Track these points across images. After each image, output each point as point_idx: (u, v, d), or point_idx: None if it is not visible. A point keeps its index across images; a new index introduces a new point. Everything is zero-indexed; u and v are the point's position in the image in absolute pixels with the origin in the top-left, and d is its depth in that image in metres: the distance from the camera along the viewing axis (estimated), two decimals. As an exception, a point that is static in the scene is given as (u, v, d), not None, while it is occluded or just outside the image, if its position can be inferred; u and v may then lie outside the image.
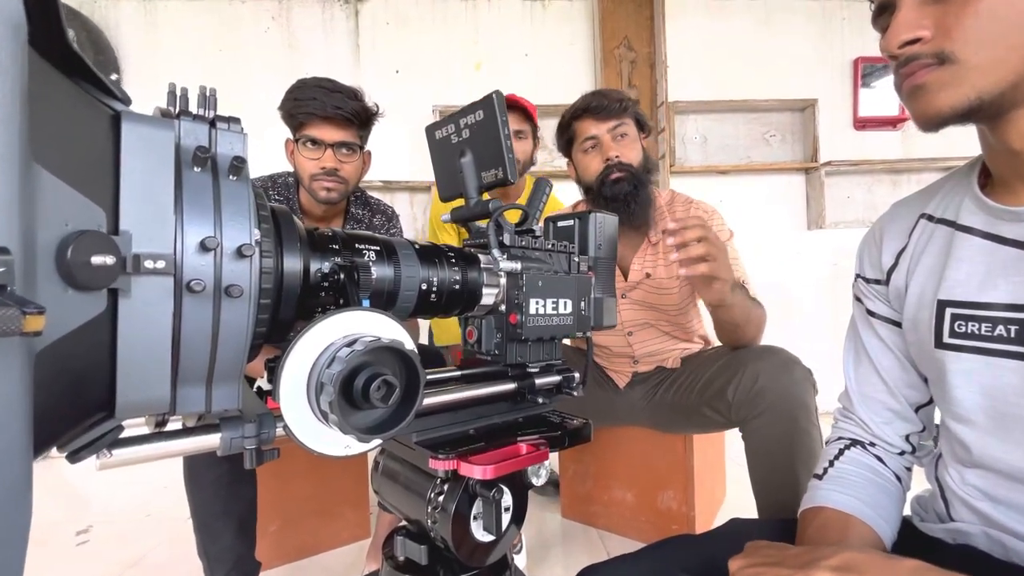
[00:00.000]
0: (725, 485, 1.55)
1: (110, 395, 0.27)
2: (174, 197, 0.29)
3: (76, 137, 0.25)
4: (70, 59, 0.26)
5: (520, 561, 1.17)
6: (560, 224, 0.66)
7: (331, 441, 0.31)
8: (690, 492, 1.25)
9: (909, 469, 0.62)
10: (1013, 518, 0.47)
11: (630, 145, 1.15)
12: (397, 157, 2.36)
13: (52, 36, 0.24)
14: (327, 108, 1.09)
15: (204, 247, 0.29)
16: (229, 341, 0.31)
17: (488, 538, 0.48)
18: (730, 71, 2.45)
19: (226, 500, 0.93)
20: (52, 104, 0.23)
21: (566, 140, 1.24)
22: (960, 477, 0.52)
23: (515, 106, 1.63)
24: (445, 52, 2.40)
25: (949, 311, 0.50)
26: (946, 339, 0.50)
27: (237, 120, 0.34)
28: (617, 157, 1.12)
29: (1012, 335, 0.45)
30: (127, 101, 0.29)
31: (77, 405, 0.26)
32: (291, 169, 1.23)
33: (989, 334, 0.47)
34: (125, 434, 0.31)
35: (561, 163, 2.46)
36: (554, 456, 1.51)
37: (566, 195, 1.83)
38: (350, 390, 0.30)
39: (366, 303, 0.40)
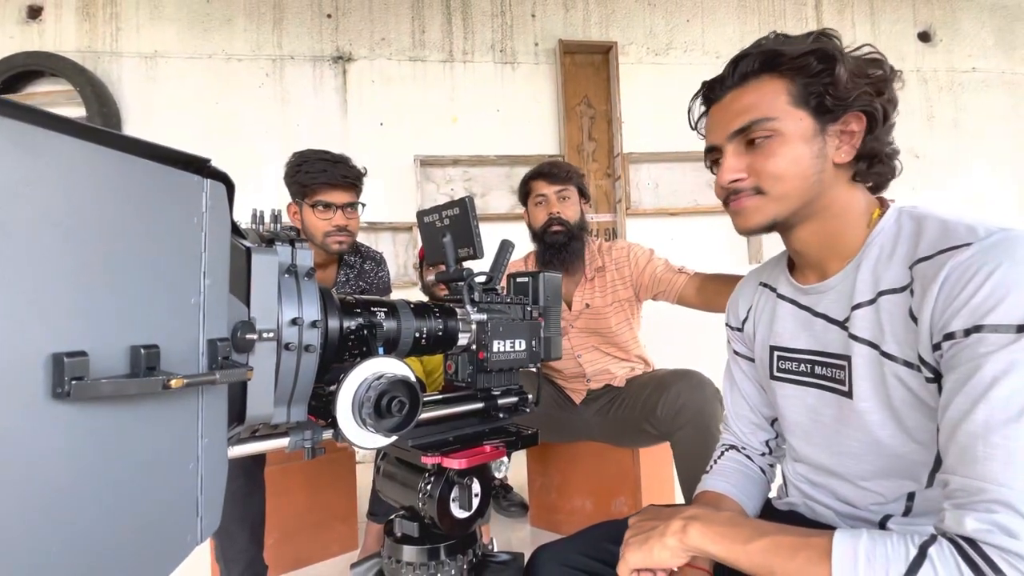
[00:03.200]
0: (673, 493, 1.76)
1: (243, 412, 0.47)
2: (277, 294, 0.49)
3: (235, 268, 0.45)
4: (232, 226, 0.46)
5: (492, 562, 1.35)
6: (519, 280, 0.87)
7: (367, 438, 0.51)
8: (639, 498, 1.45)
9: (772, 466, 0.83)
10: (820, 492, 0.69)
11: (570, 207, 1.45)
12: (381, 201, 2.57)
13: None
14: (336, 177, 1.33)
15: (294, 323, 0.49)
16: (304, 378, 0.51)
17: (463, 514, 0.68)
18: (677, 125, 2.74)
19: (242, 508, 1.09)
20: (232, 256, 0.44)
21: (524, 193, 1.54)
22: (792, 468, 0.74)
23: None
24: (424, 107, 2.65)
25: (776, 353, 0.73)
26: (775, 373, 0.73)
27: (304, 240, 0.54)
28: (558, 213, 1.43)
29: (810, 371, 0.68)
30: (247, 237, 0.50)
31: (231, 416, 0.46)
32: (291, 223, 1.44)
33: (796, 369, 0.70)
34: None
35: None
36: (523, 482, 1.69)
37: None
38: (379, 406, 0.50)
39: (381, 350, 0.60)
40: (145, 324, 0.33)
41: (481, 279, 0.82)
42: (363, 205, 1.44)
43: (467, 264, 0.79)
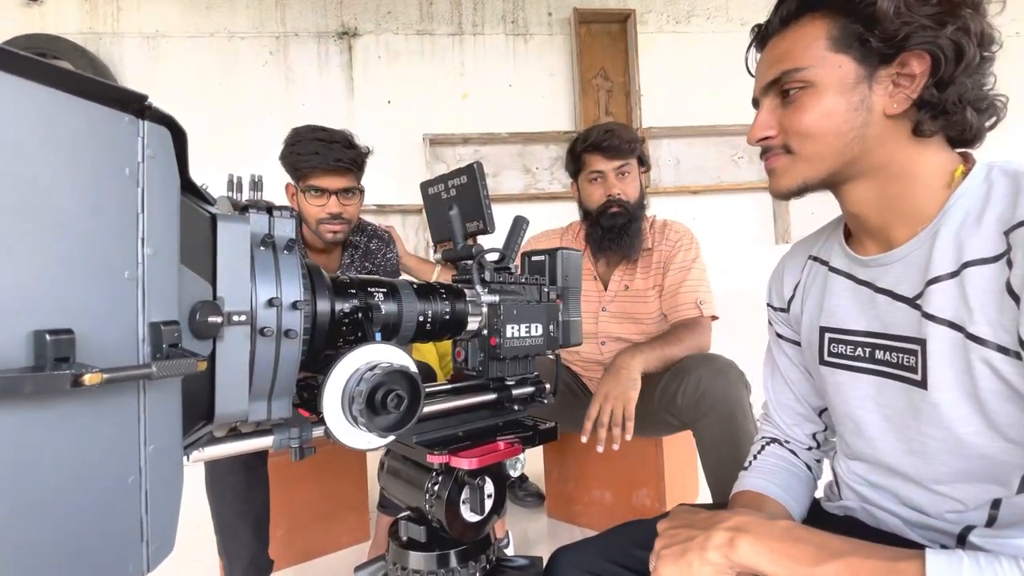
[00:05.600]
0: (697, 484, 1.68)
1: (211, 408, 0.40)
2: (250, 270, 0.41)
3: (194, 237, 0.38)
4: (189, 185, 0.39)
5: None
6: (534, 259, 0.79)
7: (359, 438, 0.44)
8: (662, 490, 1.38)
9: (820, 461, 0.74)
10: (881, 496, 0.60)
11: (631, 183, 1.32)
12: (389, 182, 2.49)
13: (184, 174, 0.37)
14: (329, 161, 1.21)
15: (270, 304, 0.42)
16: (285, 368, 0.43)
17: (475, 518, 0.61)
18: (699, 98, 2.63)
19: (243, 503, 1.04)
20: (185, 220, 0.36)
21: (575, 166, 1.39)
22: (846, 466, 0.65)
23: None
24: (433, 83, 2.55)
25: (827, 335, 0.64)
26: (826, 357, 0.64)
27: (288, 207, 0.46)
28: (618, 194, 1.29)
29: (866, 355, 0.59)
30: (214, 203, 0.42)
31: (194, 414, 0.39)
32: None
33: (852, 354, 0.60)
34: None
35: (539, 187, 2.61)
36: (539, 472, 1.63)
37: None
38: (373, 401, 0.43)
39: (378, 335, 0.53)
40: (57, 303, 0.26)
41: (494, 257, 0.74)
42: (361, 190, 1.32)
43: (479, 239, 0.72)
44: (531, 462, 1.84)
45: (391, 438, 0.45)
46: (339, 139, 1.26)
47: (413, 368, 0.46)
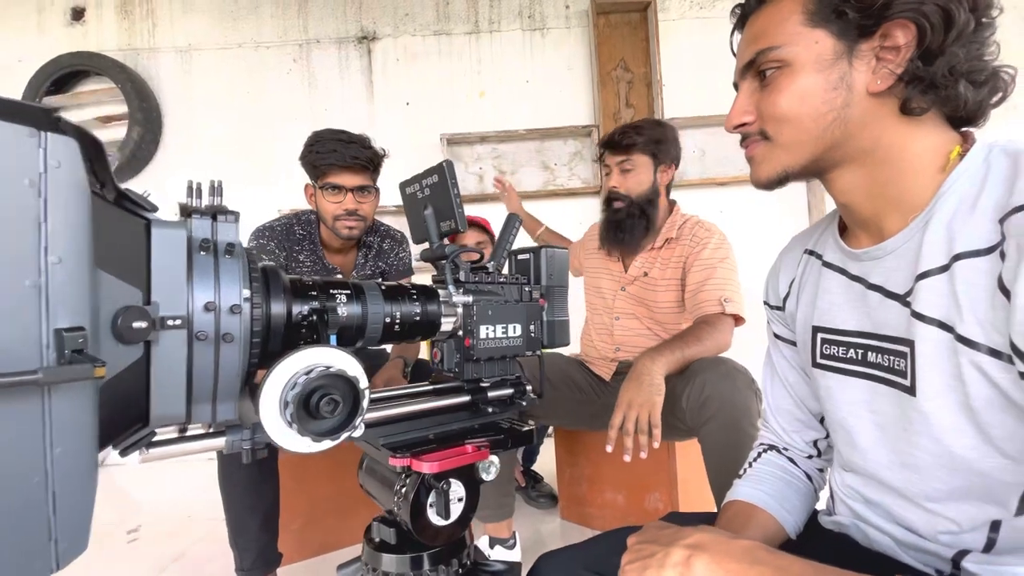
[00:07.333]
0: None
1: (146, 410, 0.40)
2: (186, 275, 0.42)
3: (122, 244, 0.38)
4: (119, 194, 0.39)
5: (514, 556, 1.28)
6: (520, 257, 0.77)
7: (298, 442, 0.44)
8: (674, 495, 1.33)
9: (822, 470, 0.69)
10: (874, 513, 0.55)
11: (632, 178, 1.32)
12: (409, 182, 2.51)
13: (106, 185, 0.37)
14: (346, 158, 1.26)
15: (207, 308, 0.42)
16: (227, 372, 0.44)
17: (442, 522, 0.60)
18: (724, 86, 2.50)
19: (253, 497, 1.08)
20: (107, 227, 0.37)
21: (599, 162, 1.46)
22: (841, 479, 0.60)
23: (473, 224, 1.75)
24: (450, 83, 2.55)
25: (820, 335, 0.59)
26: (818, 359, 0.59)
27: (233, 212, 0.47)
28: (616, 187, 1.32)
29: (858, 357, 0.54)
30: (155, 209, 0.43)
31: (127, 417, 0.40)
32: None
33: (844, 355, 0.55)
34: (159, 439, 0.45)
35: (557, 183, 2.58)
36: (554, 472, 1.61)
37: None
38: (308, 405, 0.43)
39: (333, 339, 0.53)
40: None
41: (474, 257, 0.73)
42: (376, 190, 1.36)
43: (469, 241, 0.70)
44: (545, 461, 1.82)
45: (328, 443, 0.45)
46: (356, 140, 1.32)
47: (353, 372, 0.45)
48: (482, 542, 1.29)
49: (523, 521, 1.56)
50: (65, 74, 2.39)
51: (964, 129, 0.50)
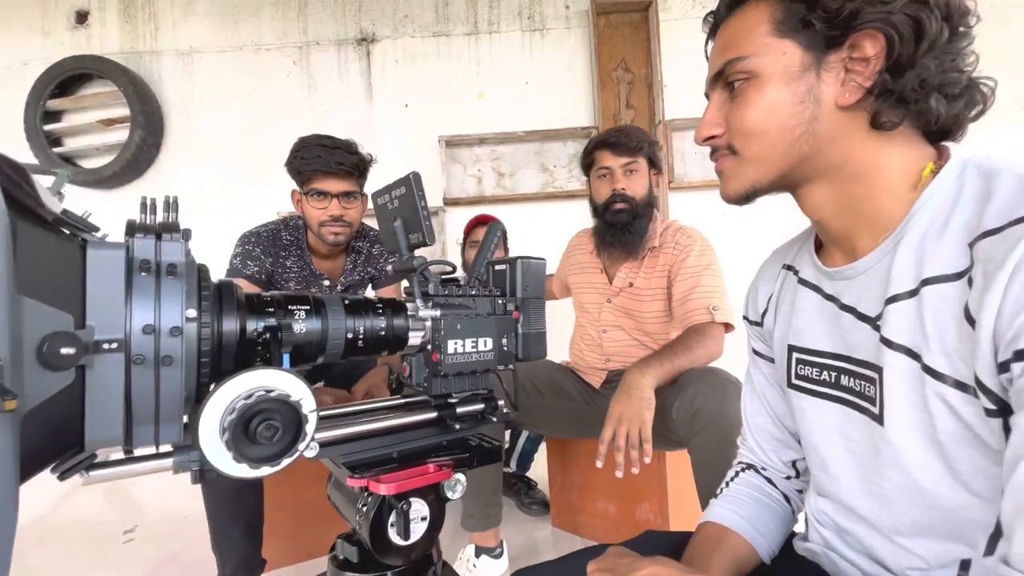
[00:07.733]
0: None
1: (82, 435, 0.40)
2: (125, 296, 0.41)
3: (51, 268, 0.38)
4: (56, 218, 0.38)
5: (500, 566, 1.26)
6: (497, 268, 0.76)
7: (236, 468, 0.43)
8: (665, 505, 1.31)
9: (800, 491, 0.67)
10: (844, 541, 0.53)
11: (637, 181, 1.31)
12: (408, 184, 2.51)
13: (33, 207, 0.36)
14: (331, 164, 1.25)
15: (145, 331, 0.41)
16: (168, 395, 0.43)
17: (403, 542, 0.59)
18: (727, 87, 2.47)
19: (235, 505, 1.07)
20: (33, 252, 0.36)
21: (587, 163, 1.41)
22: (815, 503, 0.57)
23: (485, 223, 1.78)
24: (449, 84, 2.54)
25: (795, 355, 0.57)
26: (793, 380, 0.57)
27: (179, 231, 0.46)
28: (623, 189, 1.29)
29: (831, 379, 0.52)
30: (94, 230, 0.42)
31: (59, 443, 0.39)
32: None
33: (818, 377, 0.53)
34: (102, 460, 0.44)
35: (556, 185, 2.55)
36: (544, 479, 1.59)
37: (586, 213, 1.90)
38: (247, 431, 0.42)
39: (286, 358, 0.52)
40: None
41: (444, 269, 0.71)
42: (363, 196, 1.35)
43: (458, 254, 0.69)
44: (538, 468, 1.80)
45: (268, 469, 0.44)
46: (342, 145, 1.31)
47: (297, 396, 0.44)
48: (468, 551, 1.28)
49: (514, 528, 1.55)
50: (68, 77, 2.41)
51: (942, 143, 0.48)
